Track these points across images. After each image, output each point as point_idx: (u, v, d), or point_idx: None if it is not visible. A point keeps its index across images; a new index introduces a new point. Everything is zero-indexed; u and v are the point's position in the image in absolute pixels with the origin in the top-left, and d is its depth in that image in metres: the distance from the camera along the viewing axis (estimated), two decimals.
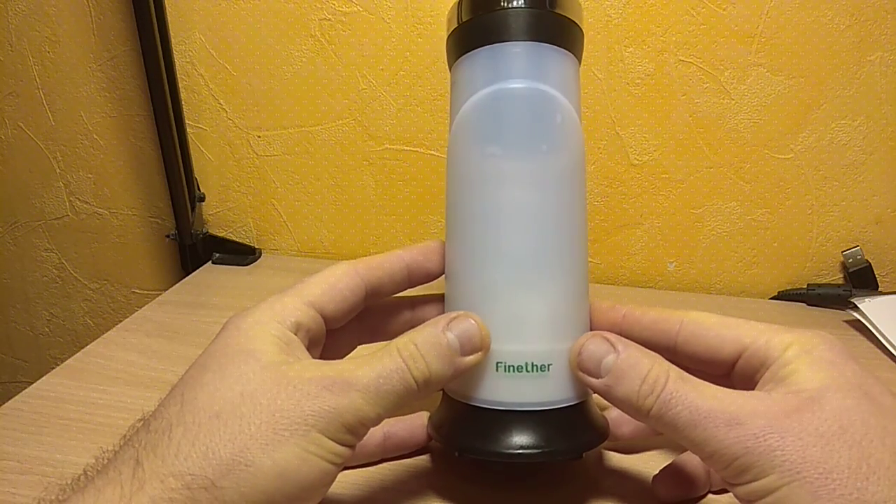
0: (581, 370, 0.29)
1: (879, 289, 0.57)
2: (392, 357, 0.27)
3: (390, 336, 0.35)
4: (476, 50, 0.32)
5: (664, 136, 0.57)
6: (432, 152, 0.61)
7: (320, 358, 0.32)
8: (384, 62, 0.59)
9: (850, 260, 0.57)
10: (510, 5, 0.31)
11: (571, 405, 0.32)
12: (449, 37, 0.34)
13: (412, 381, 0.26)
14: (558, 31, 0.32)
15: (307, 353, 0.28)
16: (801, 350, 0.27)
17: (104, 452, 0.25)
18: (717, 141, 0.57)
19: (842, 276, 0.59)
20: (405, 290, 0.34)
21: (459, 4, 0.33)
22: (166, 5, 0.58)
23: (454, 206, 0.33)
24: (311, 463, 0.24)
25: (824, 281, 0.60)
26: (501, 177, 0.31)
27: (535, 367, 0.31)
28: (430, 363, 0.27)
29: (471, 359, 0.29)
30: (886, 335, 0.49)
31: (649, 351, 0.28)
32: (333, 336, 0.32)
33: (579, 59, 0.34)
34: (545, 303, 0.31)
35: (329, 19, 0.58)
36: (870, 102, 0.54)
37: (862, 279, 0.57)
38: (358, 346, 0.35)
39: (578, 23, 0.33)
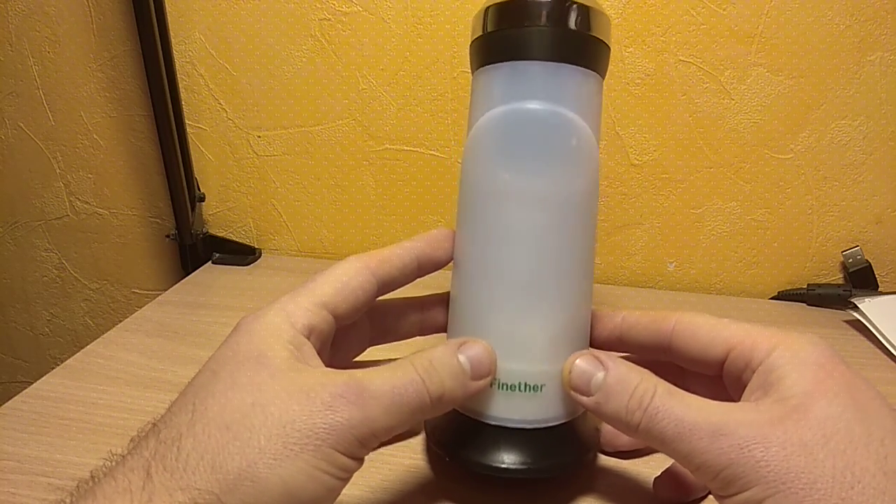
0: (572, 388, 0.29)
1: (879, 289, 0.57)
2: (407, 370, 0.26)
3: (400, 337, 0.36)
4: (496, 64, 0.31)
5: (664, 136, 0.57)
6: (432, 152, 0.61)
7: (330, 357, 0.32)
8: (384, 62, 0.59)
9: (850, 260, 0.57)
10: (534, 23, 0.30)
11: (562, 423, 0.32)
12: (472, 43, 0.33)
13: (426, 396, 0.26)
14: (581, 51, 0.31)
15: (318, 358, 0.28)
16: (788, 354, 0.27)
17: (113, 456, 0.24)
18: (717, 141, 0.57)
19: (842, 276, 0.59)
20: (414, 280, 0.34)
21: (485, 13, 0.32)
22: (166, 5, 0.58)
23: (463, 219, 0.33)
24: (318, 480, 0.23)
25: (824, 281, 0.60)
26: (509, 198, 0.31)
27: (528, 388, 0.31)
28: (444, 380, 0.27)
29: (480, 384, 0.29)
30: (886, 335, 0.49)
31: (638, 367, 0.28)
32: (343, 333, 0.32)
33: (604, 75, 0.33)
34: (543, 325, 0.32)
35: (329, 19, 0.58)
36: (870, 102, 0.54)
37: (862, 279, 0.57)
38: (369, 348, 0.35)
39: (605, 39, 0.32)
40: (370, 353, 0.36)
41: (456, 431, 0.33)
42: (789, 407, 0.25)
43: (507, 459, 0.31)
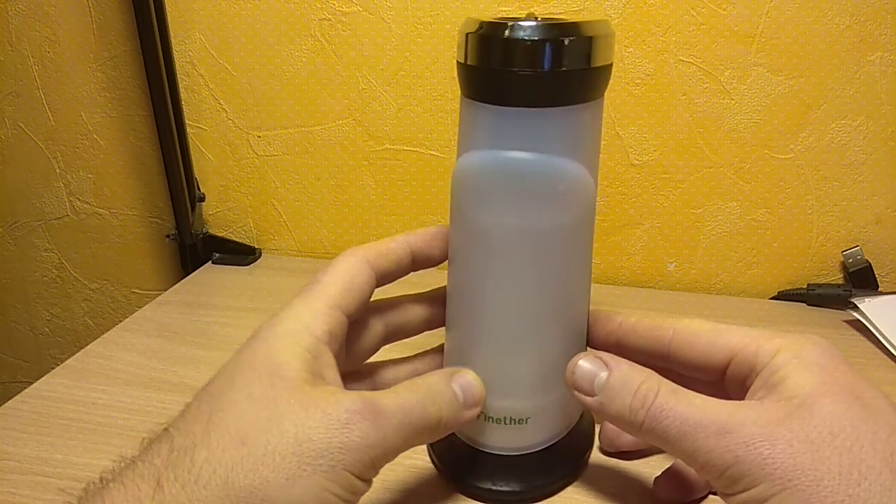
0: (575, 389, 0.29)
1: (879, 289, 0.57)
2: (410, 393, 0.27)
3: (411, 333, 0.36)
4: (480, 103, 0.28)
5: (664, 136, 0.57)
6: (432, 152, 0.61)
7: (346, 357, 0.32)
8: (384, 62, 0.59)
9: (850, 260, 0.57)
10: (521, 67, 0.26)
11: (552, 444, 0.33)
12: (457, 62, 0.30)
13: (429, 420, 0.27)
14: (576, 90, 0.28)
15: (335, 367, 0.27)
16: (790, 355, 0.27)
17: (122, 459, 0.24)
18: (717, 141, 0.57)
19: (842, 276, 0.59)
20: (407, 274, 0.34)
21: (466, 40, 0.28)
22: (166, 5, 0.58)
23: (452, 254, 0.33)
24: (328, 503, 0.23)
25: (824, 281, 0.60)
26: (490, 239, 0.30)
27: (513, 421, 0.32)
28: (441, 408, 0.27)
29: (472, 412, 0.30)
30: (886, 335, 0.49)
31: (641, 367, 0.28)
32: (356, 334, 0.32)
33: (604, 91, 0.30)
34: (526, 363, 0.32)
35: (329, 19, 0.58)
36: (870, 102, 0.54)
37: (862, 279, 0.57)
38: (382, 347, 0.35)
39: (605, 62, 0.28)
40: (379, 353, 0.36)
41: (450, 451, 0.35)
42: (794, 405, 0.25)
43: (498, 484, 0.33)
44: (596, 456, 0.37)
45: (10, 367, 0.80)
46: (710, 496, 0.33)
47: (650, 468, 0.35)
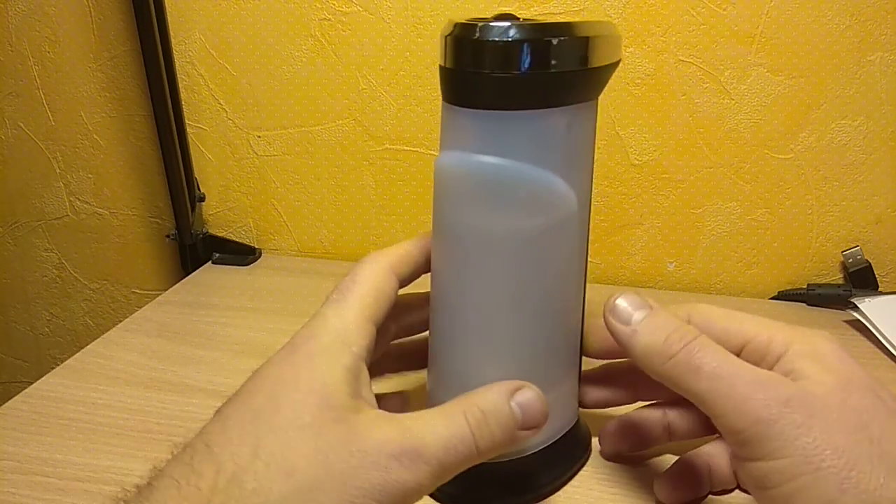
0: (611, 318, 0.29)
1: (879, 289, 0.57)
2: (459, 424, 0.25)
3: (417, 331, 0.36)
4: (453, 106, 0.28)
5: (664, 136, 0.57)
6: (432, 152, 0.61)
7: None
8: (384, 62, 0.59)
9: (850, 260, 0.57)
10: (493, 69, 0.26)
11: (543, 448, 0.33)
12: (440, 66, 0.30)
13: (475, 450, 0.25)
14: (546, 93, 0.27)
15: (371, 386, 0.27)
16: (806, 349, 0.27)
17: (158, 471, 0.23)
18: (717, 141, 0.57)
19: (842, 276, 0.59)
20: (420, 277, 0.34)
21: (444, 42, 0.28)
22: (166, 5, 0.58)
23: (432, 255, 0.33)
24: None
25: (824, 281, 0.60)
26: (462, 244, 0.30)
27: None
28: (494, 432, 0.25)
29: (528, 433, 0.27)
30: (886, 335, 0.49)
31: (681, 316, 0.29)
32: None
33: (598, 94, 0.30)
34: (507, 368, 0.31)
35: (329, 19, 0.58)
36: (870, 102, 0.54)
37: (862, 279, 0.57)
38: (391, 343, 0.35)
39: (585, 66, 0.28)
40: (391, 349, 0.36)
41: None
42: (827, 388, 0.25)
43: (490, 487, 0.32)
44: (594, 457, 0.37)
45: (10, 367, 0.80)
46: (711, 496, 0.34)
47: (650, 468, 0.35)
